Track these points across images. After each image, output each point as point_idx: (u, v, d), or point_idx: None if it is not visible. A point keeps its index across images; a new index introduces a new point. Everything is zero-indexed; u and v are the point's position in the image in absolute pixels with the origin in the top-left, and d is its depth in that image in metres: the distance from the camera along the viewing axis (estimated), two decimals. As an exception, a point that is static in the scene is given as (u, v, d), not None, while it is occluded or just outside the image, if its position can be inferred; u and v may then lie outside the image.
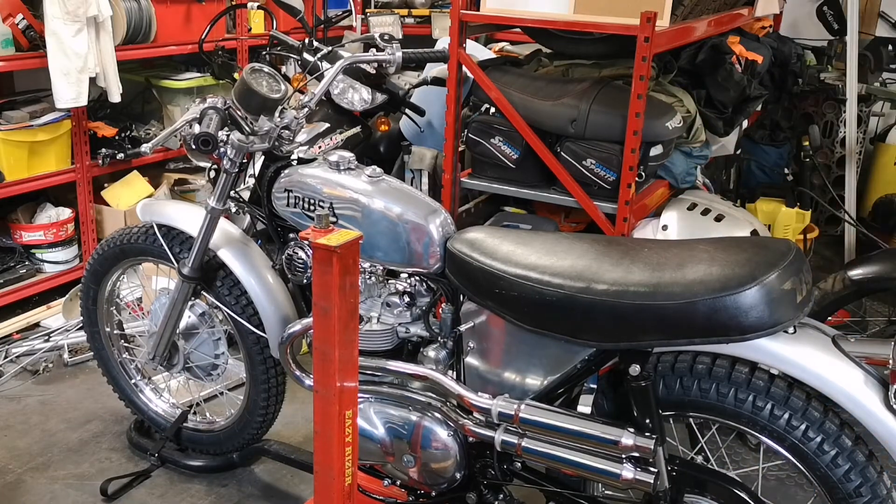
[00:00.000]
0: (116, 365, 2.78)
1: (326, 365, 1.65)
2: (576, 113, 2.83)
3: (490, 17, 3.02)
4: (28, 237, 3.64)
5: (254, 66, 2.24)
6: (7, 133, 3.38)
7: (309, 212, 2.14)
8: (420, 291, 2.07)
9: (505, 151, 3.08)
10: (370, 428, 2.09)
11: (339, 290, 1.59)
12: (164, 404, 2.79)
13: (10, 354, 3.30)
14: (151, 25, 3.80)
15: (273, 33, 3.17)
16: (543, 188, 3.09)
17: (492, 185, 3.18)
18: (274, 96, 2.19)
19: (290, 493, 2.61)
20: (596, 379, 1.87)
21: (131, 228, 2.55)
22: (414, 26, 5.24)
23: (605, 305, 1.70)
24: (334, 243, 1.57)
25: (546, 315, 1.79)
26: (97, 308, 2.71)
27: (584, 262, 1.81)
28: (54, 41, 3.25)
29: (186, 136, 2.14)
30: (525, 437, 1.87)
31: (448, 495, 2.11)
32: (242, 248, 2.38)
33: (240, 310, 2.37)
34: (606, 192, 2.88)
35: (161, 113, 4.21)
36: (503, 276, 1.83)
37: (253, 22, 4.35)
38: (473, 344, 2.01)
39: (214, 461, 2.68)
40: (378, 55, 2.42)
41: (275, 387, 2.46)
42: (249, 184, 2.36)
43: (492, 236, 1.97)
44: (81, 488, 2.58)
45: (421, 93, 3.46)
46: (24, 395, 3.09)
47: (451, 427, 2.02)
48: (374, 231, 2.03)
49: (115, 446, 2.81)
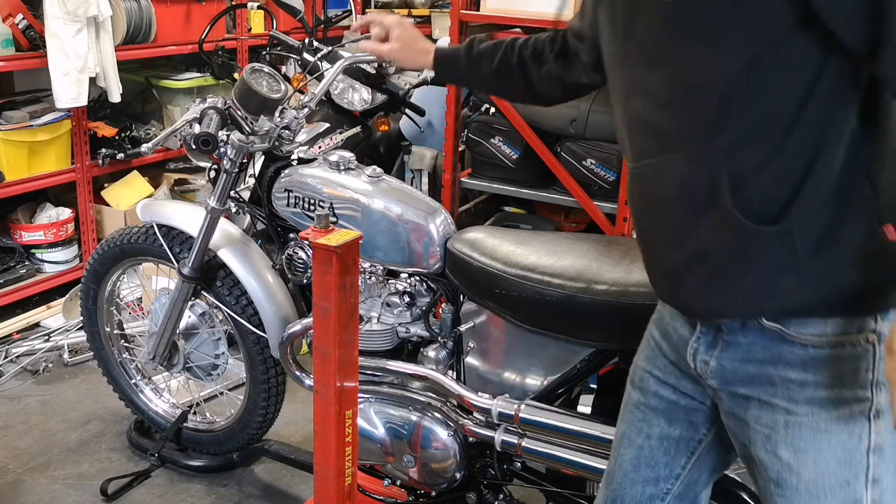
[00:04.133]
0: (116, 365, 2.78)
1: (326, 365, 1.65)
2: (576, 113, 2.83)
3: (490, 17, 3.03)
4: (28, 237, 3.64)
5: (254, 66, 2.24)
6: (7, 133, 3.38)
7: (309, 212, 2.14)
8: (420, 291, 2.07)
9: (505, 151, 3.08)
10: (370, 428, 2.09)
11: (339, 290, 1.59)
12: (164, 404, 2.78)
13: (10, 354, 3.30)
14: (151, 25, 3.80)
15: (273, 33, 3.17)
16: (543, 188, 3.10)
17: (492, 185, 3.18)
18: (274, 96, 2.19)
19: (290, 493, 2.61)
20: (596, 379, 1.87)
21: (131, 228, 2.55)
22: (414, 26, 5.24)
23: (605, 305, 1.70)
24: (334, 243, 1.57)
25: (546, 315, 1.79)
26: (97, 308, 2.71)
27: (584, 262, 1.81)
28: (54, 41, 3.25)
29: (186, 136, 2.14)
30: (525, 437, 1.87)
31: (448, 495, 2.11)
32: (242, 248, 2.38)
33: (240, 310, 2.37)
34: (606, 192, 2.89)
35: (161, 113, 4.21)
36: (503, 276, 1.83)
37: (253, 22, 4.35)
38: (473, 344, 2.01)
39: (214, 461, 2.68)
40: (378, 55, 2.41)
41: (275, 387, 2.46)
42: (249, 184, 2.36)
43: (492, 236, 1.97)
44: (81, 488, 2.58)
45: (421, 93, 3.47)
46: (24, 395, 3.09)
47: (451, 427, 2.02)
48: (374, 231, 2.03)
49: (115, 446, 2.80)
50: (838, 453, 1.14)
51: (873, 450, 1.14)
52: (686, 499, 1.37)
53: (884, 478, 1.15)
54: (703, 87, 1.09)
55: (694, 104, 1.10)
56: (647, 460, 1.34)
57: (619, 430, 1.40)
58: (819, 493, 1.15)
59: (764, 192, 1.09)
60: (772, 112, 1.07)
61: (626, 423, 1.38)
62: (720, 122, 1.09)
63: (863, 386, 1.12)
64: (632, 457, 1.36)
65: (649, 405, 1.34)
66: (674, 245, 1.19)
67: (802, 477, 1.15)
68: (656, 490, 1.36)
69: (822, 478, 1.15)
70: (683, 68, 1.10)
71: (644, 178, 1.21)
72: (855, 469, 1.14)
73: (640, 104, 1.18)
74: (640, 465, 1.35)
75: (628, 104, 1.21)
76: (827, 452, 1.14)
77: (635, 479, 1.36)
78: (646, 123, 1.18)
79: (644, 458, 1.35)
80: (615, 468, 1.39)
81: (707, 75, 1.08)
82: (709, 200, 1.11)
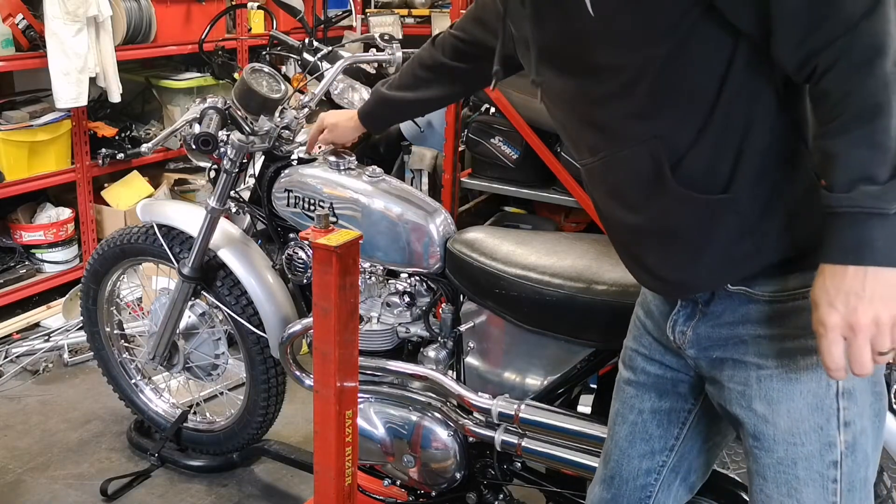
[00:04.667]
0: (116, 365, 2.78)
1: (326, 365, 1.65)
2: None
3: (490, 17, 3.01)
4: (28, 237, 3.64)
5: (254, 66, 2.24)
6: (7, 133, 3.38)
7: (309, 212, 2.14)
8: (420, 291, 2.07)
9: (505, 151, 3.08)
10: (370, 428, 2.09)
11: (339, 290, 1.59)
12: (164, 404, 2.78)
13: (10, 354, 3.30)
14: (151, 25, 3.80)
15: (273, 33, 3.17)
16: (543, 188, 3.10)
17: (492, 185, 3.18)
18: (274, 96, 2.19)
19: (290, 493, 2.61)
20: (596, 379, 1.87)
21: (131, 228, 2.55)
22: (414, 26, 5.24)
23: (605, 305, 1.70)
24: (334, 243, 1.57)
25: (546, 315, 1.79)
26: (97, 308, 2.71)
27: (584, 262, 1.81)
28: (54, 41, 3.25)
29: (186, 136, 2.14)
30: (525, 437, 1.87)
31: (448, 495, 2.11)
32: (242, 248, 2.38)
33: (240, 310, 2.37)
34: (606, 192, 2.88)
35: (161, 113, 4.21)
36: (503, 276, 1.83)
37: (253, 22, 4.35)
38: (473, 344, 2.01)
39: (214, 461, 2.68)
40: (378, 55, 2.42)
41: (275, 387, 2.46)
42: (249, 184, 2.36)
43: (492, 236, 1.97)
44: (81, 488, 2.58)
45: (421, 93, 3.46)
46: (24, 395, 3.09)
47: (451, 427, 2.02)
48: (374, 231, 2.03)
49: (115, 446, 2.81)
50: (809, 400, 1.19)
51: (842, 394, 1.18)
52: (680, 471, 1.42)
53: (856, 420, 1.19)
54: (633, 82, 1.14)
55: (627, 99, 1.16)
56: (642, 434, 1.39)
57: (613, 409, 1.44)
58: (795, 441, 1.20)
59: (704, 166, 1.15)
60: (696, 91, 1.12)
61: (619, 402, 1.43)
62: (651, 109, 1.15)
63: None
64: (627, 433, 1.41)
65: (639, 382, 1.39)
66: (634, 229, 1.26)
67: (778, 427, 1.20)
68: (652, 463, 1.40)
69: (797, 424, 1.19)
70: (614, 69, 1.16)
71: (597, 171, 1.27)
72: (826, 413, 1.19)
73: (582, 106, 1.24)
74: (635, 440, 1.40)
75: (571, 106, 1.27)
76: (798, 401, 1.19)
77: (631, 455, 1.41)
78: (591, 122, 1.24)
79: (638, 432, 1.40)
80: (611, 446, 1.44)
81: (635, 70, 1.13)
82: (656, 181, 1.17)
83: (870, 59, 0.99)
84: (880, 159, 0.99)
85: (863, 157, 1.00)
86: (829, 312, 1.03)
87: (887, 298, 1.01)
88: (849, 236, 1.02)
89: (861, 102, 1.00)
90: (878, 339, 1.02)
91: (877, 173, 0.99)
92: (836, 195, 1.02)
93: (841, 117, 1.02)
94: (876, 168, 0.99)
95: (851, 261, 1.02)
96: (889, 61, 0.99)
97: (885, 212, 0.99)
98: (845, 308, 1.02)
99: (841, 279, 1.02)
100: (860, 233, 1.00)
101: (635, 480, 1.41)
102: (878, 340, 1.02)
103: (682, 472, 1.42)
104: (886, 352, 1.04)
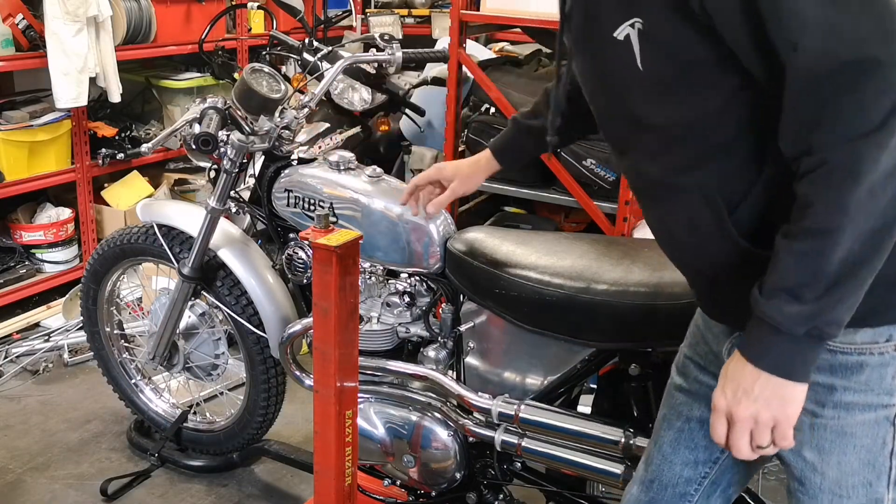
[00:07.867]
0: (116, 365, 2.78)
1: (326, 365, 1.65)
2: (576, 113, 2.82)
3: (490, 17, 3.02)
4: (28, 237, 3.64)
5: (254, 66, 2.24)
6: (7, 133, 3.38)
7: (309, 212, 2.14)
8: (420, 291, 2.07)
9: (505, 151, 3.07)
10: (370, 428, 2.09)
11: (339, 290, 1.59)
12: (164, 404, 2.79)
13: (10, 354, 3.30)
14: (151, 25, 3.79)
15: (273, 33, 3.16)
16: (543, 188, 3.09)
17: (492, 185, 3.18)
18: (274, 96, 2.19)
19: (290, 493, 2.61)
20: (596, 379, 1.87)
21: (131, 228, 2.55)
22: (414, 26, 5.24)
23: (605, 305, 1.70)
24: (334, 243, 1.57)
25: (546, 315, 1.79)
26: (97, 308, 2.71)
27: (584, 262, 1.81)
28: (54, 41, 3.25)
29: (186, 136, 2.14)
30: (525, 437, 1.87)
31: (448, 495, 2.11)
32: (242, 248, 2.38)
33: (240, 310, 2.37)
34: (606, 192, 2.89)
35: (161, 113, 4.21)
36: (503, 276, 1.83)
37: (253, 22, 4.35)
38: (473, 344, 2.01)
39: (214, 461, 2.68)
40: (378, 55, 2.42)
41: (275, 387, 2.46)
42: (249, 184, 2.36)
43: (492, 236, 1.97)
44: (81, 488, 2.58)
45: (421, 93, 3.47)
46: (24, 395, 3.09)
47: (451, 427, 2.02)
48: (374, 231, 2.03)
49: (115, 446, 2.81)
50: (862, 456, 1.18)
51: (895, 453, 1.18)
52: (721, 484, 1.39)
53: None
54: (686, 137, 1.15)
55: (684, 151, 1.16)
56: (687, 442, 1.37)
57: (661, 414, 1.42)
58: (842, 493, 1.20)
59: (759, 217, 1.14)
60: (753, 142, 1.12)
61: (667, 407, 1.40)
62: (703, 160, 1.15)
63: (888, 392, 1.15)
64: (672, 438, 1.38)
65: (690, 390, 1.36)
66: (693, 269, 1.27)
67: (826, 476, 1.20)
68: (694, 473, 1.37)
69: (846, 477, 1.19)
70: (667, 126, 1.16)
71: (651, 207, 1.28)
72: (878, 471, 1.18)
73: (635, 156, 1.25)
74: (679, 447, 1.37)
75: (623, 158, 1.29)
76: (851, 454, 1.18)
77: (674, 461, 1.38)
78: (642, 172, 1.25)
79: (684, 440, 1.37)
80: (654, 450, 1.41)
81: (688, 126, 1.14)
82: (713, 229, 1.17)
83: (842, 180, 0.97)
84: (810, 281, 1.00)
85: (796, 272, 1.01)
86: (719, 396, 1.11)
87: (771, 401, 1.06)
88: (757, 337, 1.06)
89: (817, 219, 0.99)
90: (756, 434, 1.09)
91: (802, 293, 1.01)
92: (758, 297, 1.04)
93: (799, 223, 1.01)
94: (803, 288, 1.01)
95: (750, 359, 1.07)
96: (862, 189, 0.97)
97: (793, 333, 1.02)
98: (732, 398, 1.09)
99: (741, 370, 1.08)
100: (766, 340, 1.05)
101: (675, 488, 1.39)
102: (756, 435, 1.09)
103: (723, 485, 1.39)
104: (765, 446, 1.10)
